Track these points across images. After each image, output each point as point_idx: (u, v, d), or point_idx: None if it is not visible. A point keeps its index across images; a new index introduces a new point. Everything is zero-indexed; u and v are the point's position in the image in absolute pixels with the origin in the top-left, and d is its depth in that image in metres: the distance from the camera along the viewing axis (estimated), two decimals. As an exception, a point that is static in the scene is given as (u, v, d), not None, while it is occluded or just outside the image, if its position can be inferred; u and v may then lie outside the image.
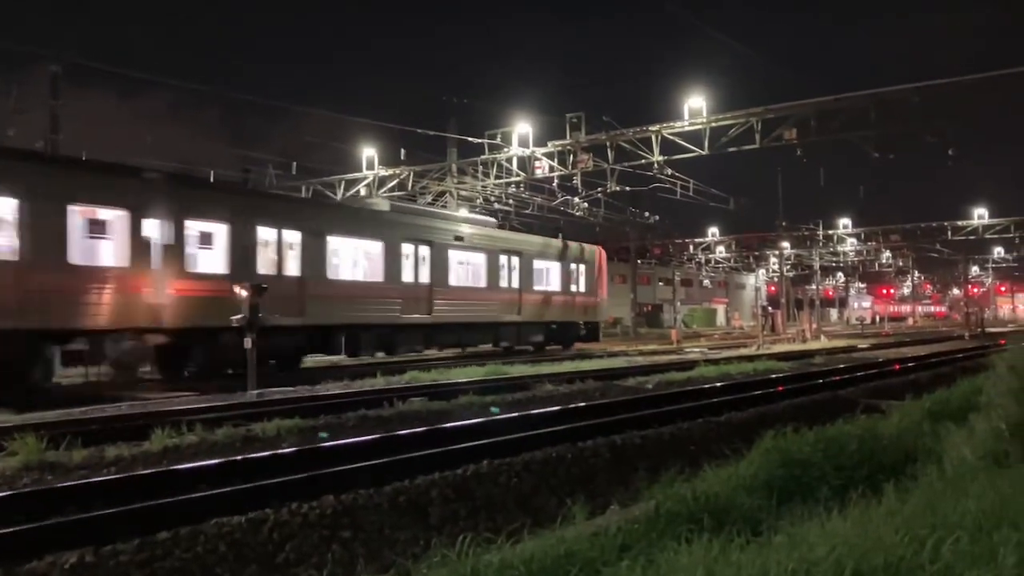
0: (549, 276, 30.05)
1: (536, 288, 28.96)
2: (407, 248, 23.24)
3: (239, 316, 14.24)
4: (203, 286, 17.55)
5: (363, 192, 36.41)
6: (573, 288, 31.15)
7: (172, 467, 7.88)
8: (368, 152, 36.25)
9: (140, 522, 5.83)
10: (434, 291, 23.87)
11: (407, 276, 23.17)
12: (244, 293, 14.24)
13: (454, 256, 25.21)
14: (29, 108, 22.87)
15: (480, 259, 26.48)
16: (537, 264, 29.23)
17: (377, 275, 22.51)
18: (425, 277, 23.74)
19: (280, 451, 8.72)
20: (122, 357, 16.74)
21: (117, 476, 7.53)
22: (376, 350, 22.50)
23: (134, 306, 16.14)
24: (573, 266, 31.27)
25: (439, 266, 24.24)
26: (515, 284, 27.84)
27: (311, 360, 22.18)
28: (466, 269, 26.06)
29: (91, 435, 9.51)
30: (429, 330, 24.00)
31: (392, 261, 22.71)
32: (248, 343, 14.14)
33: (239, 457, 8.27)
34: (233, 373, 16.83)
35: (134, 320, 16.16)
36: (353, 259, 22.45)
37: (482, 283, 26.48)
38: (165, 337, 17.09)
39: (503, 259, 27.43)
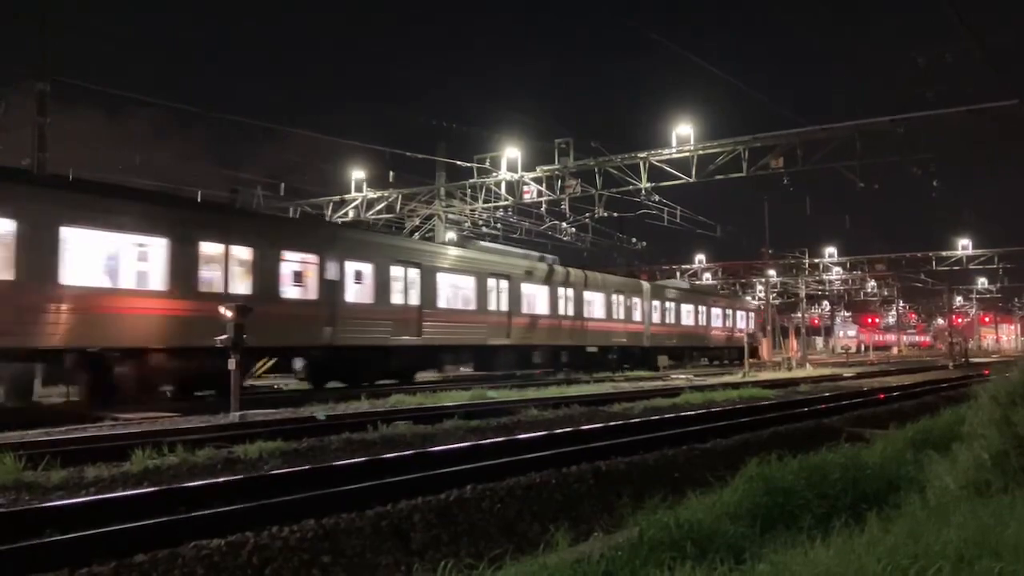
0: (734, 319, 50.45)
1: (728, 325, 48.99)
2: (689, 307, 43.55)
3: (224, 336, 14.15)
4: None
5: (352, 214, 36.41)
6: (740, 325, 50.09)
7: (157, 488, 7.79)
8: (357, 174, 36.26)
9: (118, 544, 5.76)
10: (708, 329, 46.13)
11: (692, 322, 43.65)
12: (228, 314, 14.16)
13: (716, 312, 47.36)
14: (14, 126, 22.78)
15: (712, 310, 47.09)
16: (728, 312, 49.81)
17: (685, 321, 42.81)
18: (690, 321, 43.73)
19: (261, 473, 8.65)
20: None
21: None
22: (689, 361, 42.82)
23: None
24: (743, 312, 52.44)
25: (701, 316, 45.10)
26: (721, 324, 48.00)
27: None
28: (710, 317, 46.39)
29: (70, 455, 9.41)
30: (702, 350, 46.26)
31: (701, 315, 44.97)
32: (232, 364, 14.05)
33: (221, 479, 8.20)
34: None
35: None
36: (678, 313, 42.19)
37: (704, 322, 45.52)
38: None
39: (715, 311, 47.49)
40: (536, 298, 29.97)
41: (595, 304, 33.93)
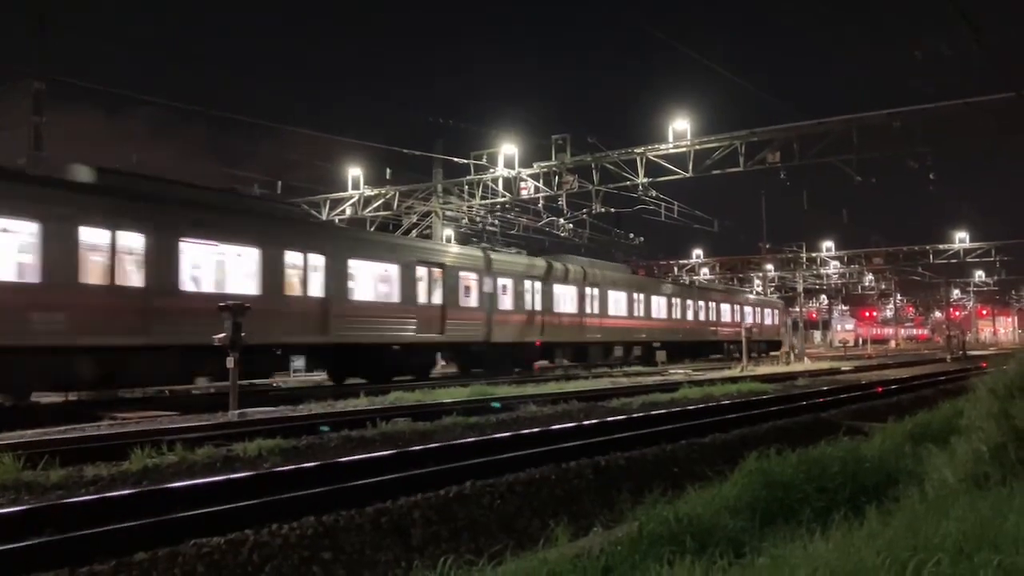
0: (768, 316, 55.95)
1: (757, 321, 52.64)
2: (727, 306, 49.44)
3: (221, 335, 14.13)
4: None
5: (348, 212, 36.36)
6: (769, 322, 55.89)
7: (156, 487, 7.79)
8: (354, 171, 36.20)
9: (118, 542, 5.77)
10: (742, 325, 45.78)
11: (729, 318, 48.71)
12: (226, 312, 14.14)
13: (748, 310, 51.63)
14: (11, 125, 22.71)
15: (745, 308, 51.58)
16: (764, 310, 55.52)
17: (725, 318, 48.33)
18: (728, 318, 48.72)
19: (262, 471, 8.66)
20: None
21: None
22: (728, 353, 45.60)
23: None
24: (772, 310, 57.34)
25: (736, 312, 49.88)
26: (752, 320, 51.14)
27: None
28: (743, 314, 50.43)
29: (69, 455, 9.40)
30: (739, 342, 42.17)
31: (736, 312, 49.95)
32: (231, 363, 14.03)
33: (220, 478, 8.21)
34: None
35: None
36: (719, 310, 47.99)
37: (739, 318, 49.13)
38: None
39: (747, 309, 51.89)
40: (619, 303, 35.93)
41: (660, 306, 40.39)
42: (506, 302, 27.92)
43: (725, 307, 49.44)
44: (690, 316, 43.74)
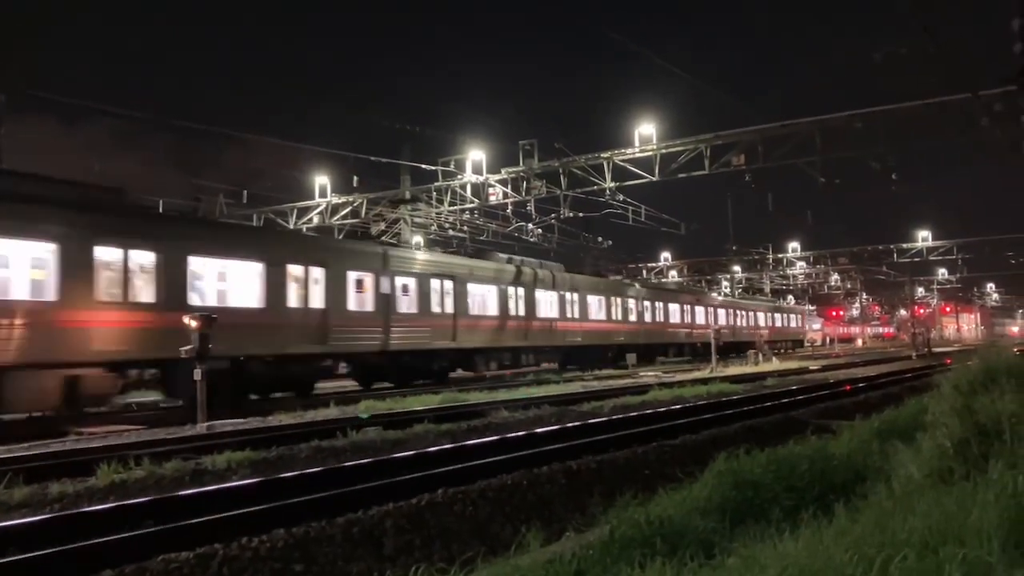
0: (795, 320, 67.82)
1: (791, 326, 69.25)
2: (764, 314, 62.24)
3: (188, 347, 13.99)
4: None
5: (316, 220, 36.13)
6: (794, 325, 68.21)
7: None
8: (320, 180, 35.98)
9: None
10: (772, 328, 63.50)
11: (769, 324, 61.99)
12: (193, 323, 14.00)
13: (772, 315, 64.61)
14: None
15: (775, 315, 65.93)
16: (792, 314, 69.24)
17: (762, 323, 60.59)
18: (769, 323, 63.35)
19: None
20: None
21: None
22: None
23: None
24: (797, 315, 68.86)
25: (770, 318, 62.87)
26: (783, 323, 65.81)
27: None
28: (774, 319, 65.32)
29: (34, 472, 9.23)
30: (771, 342, 55.33)
31: (770, 318, 64.31)
32: (198, 374, 13.89)
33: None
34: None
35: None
36: (757, 317, 61.00)
37: (769, 323, 63.91)
38: None
39: (778, 315, 66.51)
40: (694, 313, 49.77)
41: (719, 314, 53.18)
42: (649, 318, 42.96)
43: (768, 316, 63.26)
44: (744, 323, 58.15)
